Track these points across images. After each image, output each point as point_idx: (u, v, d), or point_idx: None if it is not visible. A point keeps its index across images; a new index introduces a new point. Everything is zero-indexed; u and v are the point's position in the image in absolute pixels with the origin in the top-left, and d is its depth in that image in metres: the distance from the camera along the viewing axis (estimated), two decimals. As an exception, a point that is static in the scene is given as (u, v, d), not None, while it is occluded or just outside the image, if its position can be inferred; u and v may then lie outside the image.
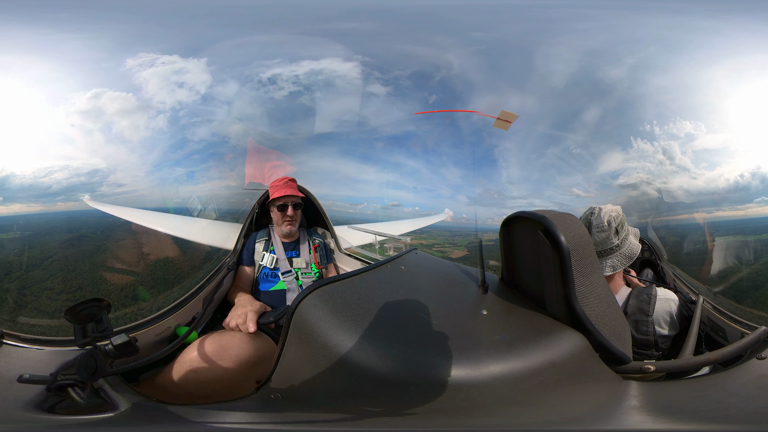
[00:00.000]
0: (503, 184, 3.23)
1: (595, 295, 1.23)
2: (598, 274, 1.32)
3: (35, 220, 2.30)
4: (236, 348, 1.44)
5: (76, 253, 2.07)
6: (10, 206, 2.25)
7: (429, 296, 1.43)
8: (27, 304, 1.65)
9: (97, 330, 1.15)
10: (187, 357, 1.41)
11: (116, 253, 2.16)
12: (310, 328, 1.09)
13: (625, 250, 1.63)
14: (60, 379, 1.09)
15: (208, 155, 2.87)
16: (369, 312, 1.16)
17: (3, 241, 2.04)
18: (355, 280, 1.33)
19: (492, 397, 1.02)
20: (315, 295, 1.15)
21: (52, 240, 2.11)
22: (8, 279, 1.73)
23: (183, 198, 2.72)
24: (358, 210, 3.50)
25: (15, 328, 1.45)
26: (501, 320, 1.30)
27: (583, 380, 1.13)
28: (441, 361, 1.03)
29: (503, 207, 3.37)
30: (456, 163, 3.39)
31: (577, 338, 1.15)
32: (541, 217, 1.21)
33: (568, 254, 1.14)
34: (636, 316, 1.57)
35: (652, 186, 2.88)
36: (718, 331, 1.67)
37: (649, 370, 1.19)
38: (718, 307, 1.74)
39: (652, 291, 1.60)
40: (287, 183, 2.37)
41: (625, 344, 1.26)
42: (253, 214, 2.53)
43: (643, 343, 1.56)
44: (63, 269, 1.89)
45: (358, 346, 1.04)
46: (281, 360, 1.13)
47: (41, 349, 1.34)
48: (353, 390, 1.05)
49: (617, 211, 1.63)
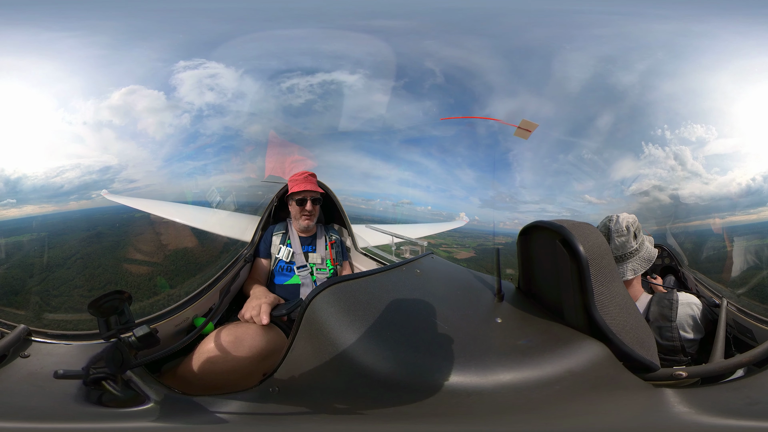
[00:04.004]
0: (516, 188, 3.30)
1: (615, 303, 1.25)
2: (618, 282, 1.35)
3: (49, 220, 2.32)
4: (250, 339, 1.49)
5: (98, 249, 2.11)
6: (22, 208, 2.27)
7: (442, 301, 1.46)
8: (54, 302, 1.67)
9: (120, 322, 1.17)
10: (204, 348, 1.47)
11: (137, 245, 2.18)
12: (320, 325, 1.12)
13: (643, 253, 1.70)
14: (92, 372, 1.14)
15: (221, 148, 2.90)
16: (380, 313, 1.19)
17: (21, 243, 2.06)
18: (369, 280, 1.36)
19: (500, 405, 1.02)
20: (328, 292, 1.18)
21: (70, 239, 2.15)
22: (33, 280, 1.75)
23: (200, 191, 2.74)
24: (370, 206, 3.54)
25: (42, 324, 1.47)
26: (516, 328, 1.32)
27: (608, 389, 1.13)
28: (446, 366, 1.05)
29: (515, 211, 3.42)
30: (471, 165, 3.45)
31: (598, 347, 1.16)
32: (559, 227, 1.24)
33: (587, 264, 1.17)
34: (659, 323, 1.62)
35: (665, 192, 2.95)
36: (746, 332, 1.70)
37: (681, 376, 1.20)
38: (744, 309, 1.78)
39: (673, 296, 1.66)
40: (307, 178, 2.42)
41: (650, 351, 1.27)
42: (271, 207, 2.58)
43: (670, 349, 1.61)
44: (88, 266, 1.92)
45: (365, 347, 1.07)
46: (289, 354, 1.17)
47: (69, 344, 1.39)
48: (352, 389, 1.07)
49: (633, 218, 1.72)
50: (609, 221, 1.72)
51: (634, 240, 1.68)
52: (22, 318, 1.51)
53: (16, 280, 1.77)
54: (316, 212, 2.41)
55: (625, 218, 1.70)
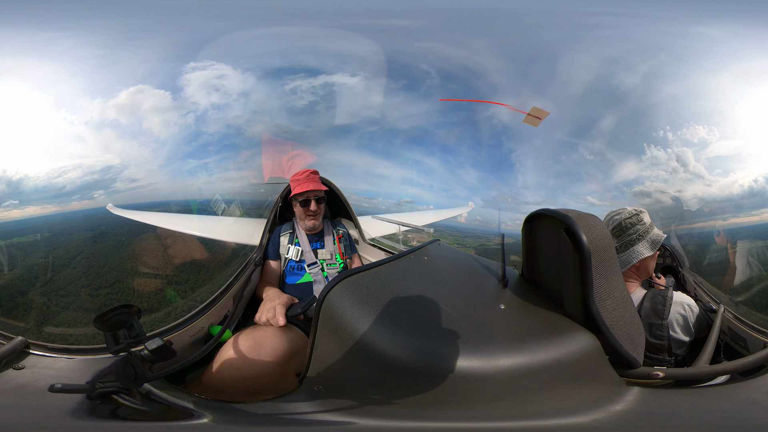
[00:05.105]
0: (518, 188, 3.32)
1: (613, 297, 1.26)
2: (618, 277, 1.36)
3: (52, 221, 2.33)
4: (270, 342, 1.48)
5: (102, 249, 2.12)
6: (24, 209, 2.27)
7: (450, 288, 1.48)
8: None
9: (129, 336, 1.14)
10: (226, 355, 1.46)
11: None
12: (338, 319, 1.13)
13: (652, 235, 1.72)
14: (98, 387, 1.11)
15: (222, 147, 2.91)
16: (393, 302, 1.19)
17: (24, 244, 2.06)
18: (379, 270, 1.36)
19: (496, 391, 1.05)
20: (341, 287, 1.19)
21: (74, 239, 2.15)
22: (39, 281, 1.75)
23: (199, 190, 2.75)
24: (372, 204, 3.56)
25: (41, 337, 1.46)
26: (517, 315, 1.33)
27: (584, 381, 1.14)
28: (456, 354, 1.05)
29: (518, 212, 3.46)
30: (473, 165, 3.47)
31: (589, 339, 1.16)
32: (564, 216, 1.23)
33: (589, 255, 1.16)
34: (650, 319, 1.62)
35: (667, 194, 2.98)
36: (739, 341, 1.69)
37: (657, 376, 1.20)
38: (740, 317, 1.76)
39: (668, 294, 1.65)
40: (309, 176, 2.40)
41: (638, 349, 1.27)
42: (276, 209, 2.57)
43: (657, 347, 1.61)
44: (93, 266, 1.93)
45: (384, 336, 1.08)
46: (314, 352, 1.18)
47: (71, 358, 1.36)
48: (381, 379, 1.08)
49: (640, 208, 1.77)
50: (616, 214, 1.75)
51: (641, 223, 1.72)
52: (21, 330, 1.50)
53: (22, 282, 1.77)
54: (321, 210, 2.41)
55: (633, 208, 1.75)
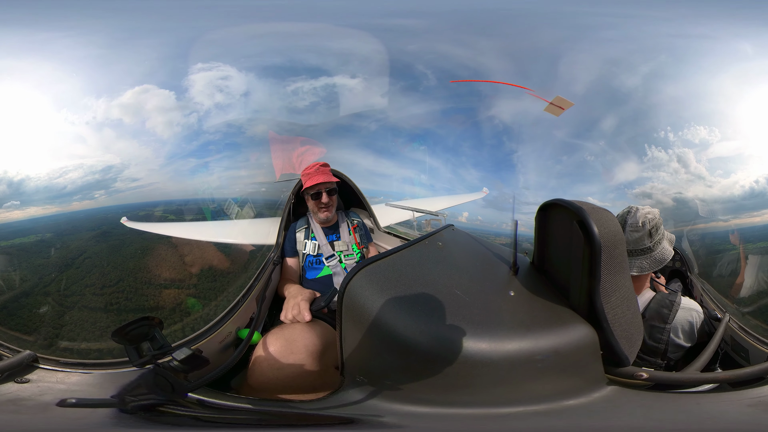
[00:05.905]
0: (519, 189, 3.33)
1: (618, 294, 1.27)
2: (626, 274, 1.36)
3: (53, 221, 2.33)
4: (301, 339, 1.50)
5: (106, 248, 2.13)
6: (26, 210, 2.28)
7: (463, 273, 1.51)
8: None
9: (154, 348, 1.13)
10: (259, 356, 1.47)
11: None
12: (360, 309, 1.15)
13: (656, 253, 1.66)
14: (130, 400, 1.11)
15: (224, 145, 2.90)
16: (410, 289, 1.22)
17: (26, 244, 2.05)
18: (395, 257, 1.39)
19: (500, 376, 1.08)
20: (360, 277, 1.21)
21: (76, 239, 2.15)
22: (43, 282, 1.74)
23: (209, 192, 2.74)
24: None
25: (50, 352, 1.46)
26: (525, 303, 1.36)
27: (570, 374, 1.17)
28: (469, 339, 1.08)
29: (518, 212, 3.46)
30: (475, 165, 3.47)
31: (589, 333, 1.18)
32: (578, 208, 1.25)
33: (600, 249, 1.17)
34: (653, 322, 1.60)
35: (668, 195, 2.99)
36: (741, 351, 1.69)
37: (641, 377, 1.21)
38: (745, 328, 1.76)
39: (676, 299, 1.63)
40: (319, 169, 2.42)
41: (632, 348, 1.29)
42: (289, 206, 2.59)
43: (652, 350, 1.59)
44: (98, 265, 1.93)
45: (406, 323, 1.11)
46: (344, 344, 1.20)
47: (88, 373, 1.36)
48: (404, 366, 1.12)
49: (654, 213, 1.66)
50: (627, 213, 1.68)
51: (648, 238, 1.63)
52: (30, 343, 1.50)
53: (27, 283, 1.77)
54: (334, 202, 2.41)
55: (644, 213, 1.64)
